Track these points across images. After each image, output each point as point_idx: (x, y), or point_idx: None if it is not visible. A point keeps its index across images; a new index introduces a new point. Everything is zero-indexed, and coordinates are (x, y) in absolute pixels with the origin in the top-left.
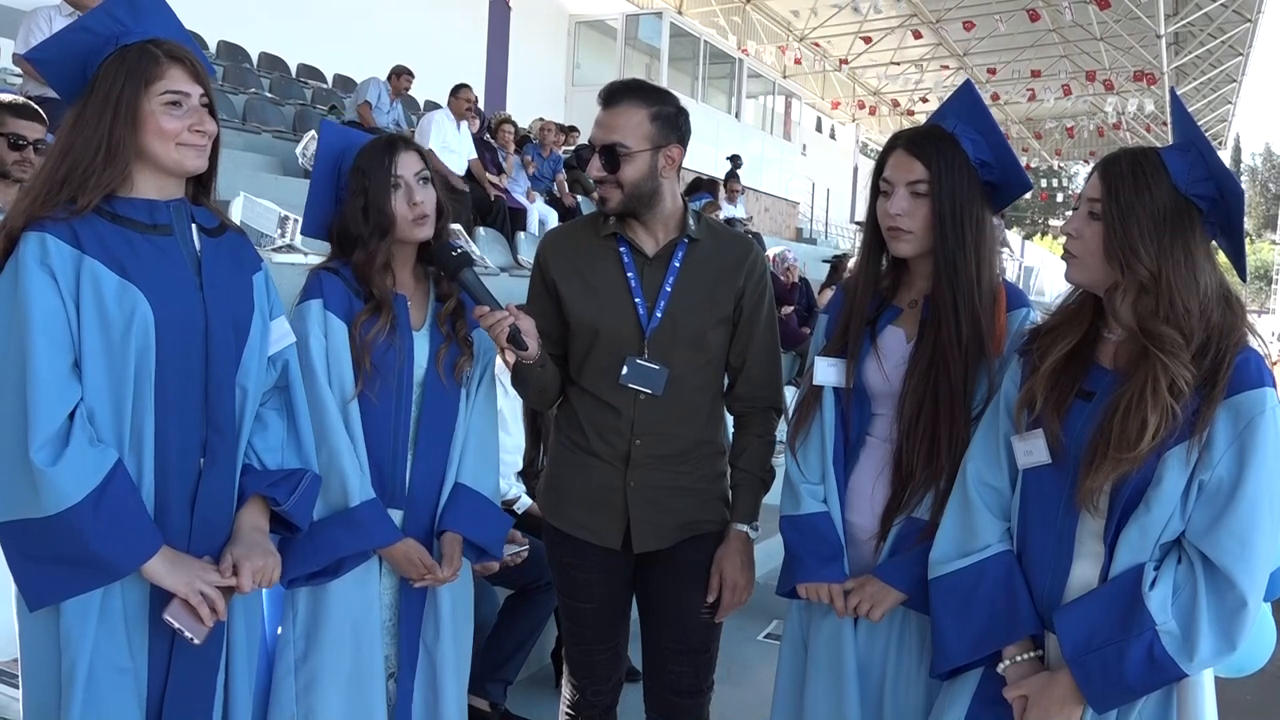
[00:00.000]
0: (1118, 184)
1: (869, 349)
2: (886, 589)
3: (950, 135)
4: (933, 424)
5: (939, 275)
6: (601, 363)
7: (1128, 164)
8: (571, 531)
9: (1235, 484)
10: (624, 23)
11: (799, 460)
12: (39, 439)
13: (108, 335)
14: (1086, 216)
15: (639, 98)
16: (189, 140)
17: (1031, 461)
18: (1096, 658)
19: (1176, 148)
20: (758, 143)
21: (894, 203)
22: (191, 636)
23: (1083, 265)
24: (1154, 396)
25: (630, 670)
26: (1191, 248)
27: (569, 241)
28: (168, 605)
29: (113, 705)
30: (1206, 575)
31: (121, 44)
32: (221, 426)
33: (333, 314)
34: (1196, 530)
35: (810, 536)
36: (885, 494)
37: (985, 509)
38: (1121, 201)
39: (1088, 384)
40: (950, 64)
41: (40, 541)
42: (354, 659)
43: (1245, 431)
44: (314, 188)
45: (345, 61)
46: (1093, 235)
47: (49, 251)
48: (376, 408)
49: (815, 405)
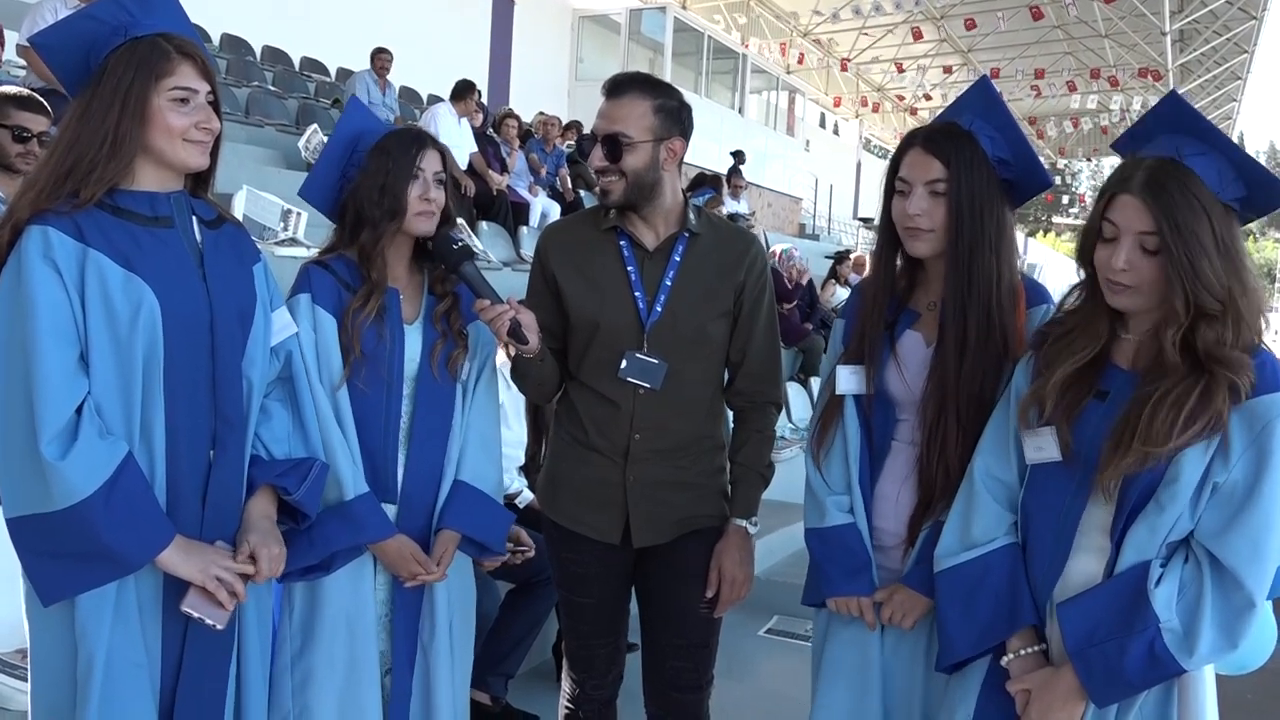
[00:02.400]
0: (1174, 213)
1: (889, 355)
2: (916, 597)
3: (968, 133)
4: (955, 428)
5: (955, 275)
6: (601, 357)
7: (1176, 189)
8: (571, 526)
9: (1251, 488)
10: (628, 17)
11: (822, 471)
12: (48, 433)
13: (114, 328)
14: (1139, 251)
15: (643, 89)
16: (194, 137)
17: (1042, 458)
18: (1098, 652)
19: (1197, 154)
20: (761, 138)
21: (913, 202)
22: (214, 623)
23: (1137, 295)
24: (1205, 401)
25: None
26: (1245, 258)
27: (569, 235)
28: (184, 596)
29: (129, 699)
30: (1214, 576)
31: (130, 36)
32: (230, 417)
33: (321, 308)
34: (1208, 531)
35: (837, 549)
36: (912, 500)
37: (992, 501)
38: (1184, 233)
39: (1103, 384)
40: (954, 61)
41: (52, 536)
42: (349, 655)
43: (1262, 435)
44: (324, 157)
45: (349, 55)
46: (1150, 268)
47: (52, 245)
48: (367, 400)
49: (837, 414)
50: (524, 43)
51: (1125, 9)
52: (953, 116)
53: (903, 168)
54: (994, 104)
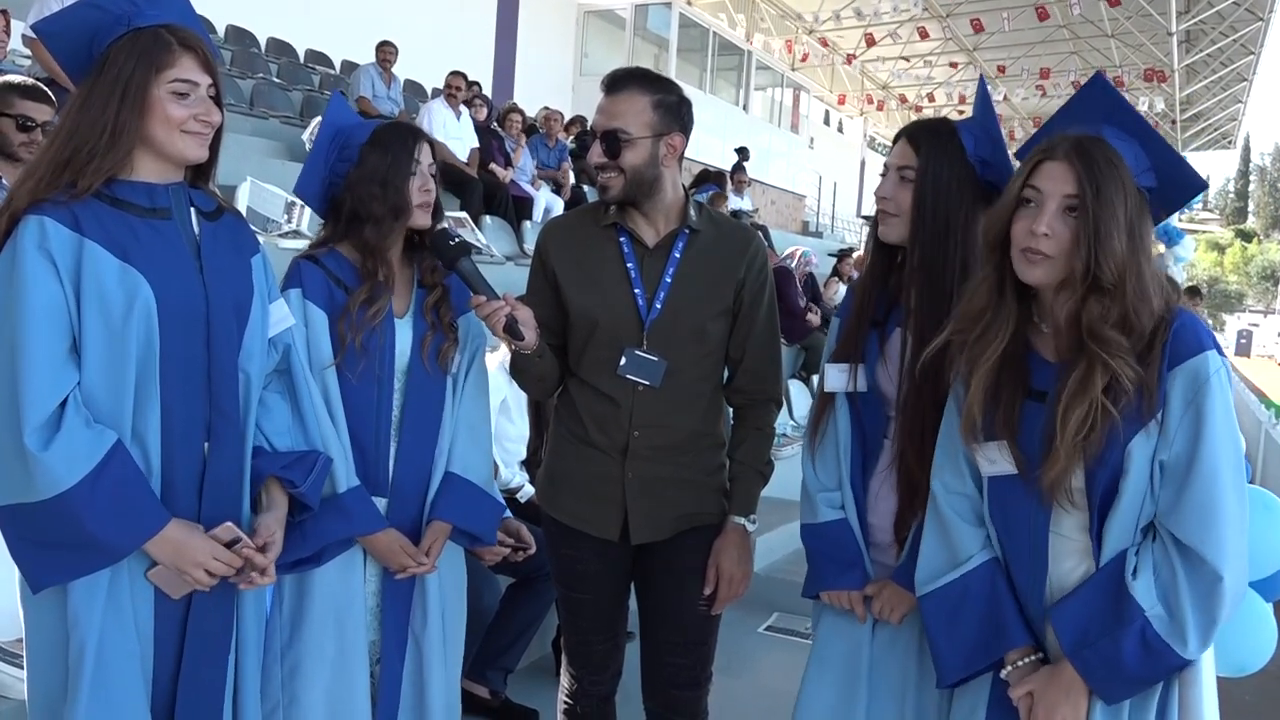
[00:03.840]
0: (1098, 178)
1: (877, 353)
2: (903, 593)
3: (952, 128)
4: (931, 427)
5: (916, 266)
6: (600, 354)
7: (1101, 156)
8: (570, 522)
9: (1191, 458)
10: (633, 13)
11: (816, 468)
12: (31, 424)
13: (109, 319)
14: (1062, 213)
15: (641, 85)
16: (193, 129)
17: (995, 471)
18: (1094, 651)
19: (1118, 138)
20: (765, 135)
21: (882, 185)
22: (170, 592)
23: (1052, 266)
24: (1084, 392)
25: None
26: (1148, 244)
27: (569, 231)
28: (152, 566)
29: (121, 685)
30: (1179, 554)
31: (133, 26)
32: (225, 410)
33: (311, 303)
34: (1163, 510)
35: (828, 544)
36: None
37: (958, 520)
38: (1103, 199)
39: (1036, 383)
40: (959, 59)
41: (37, 525)
42: (337, 645)
43: (1195, 399)
44: (313, 155)
45: (353, 48)
46: (1066, 232)
47: (48, 235)
48: (358, 394)
49: (829, 411)
50: (529, 37)
51: (1132, 9)
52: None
53: (889, 156)
54: (984, 106)
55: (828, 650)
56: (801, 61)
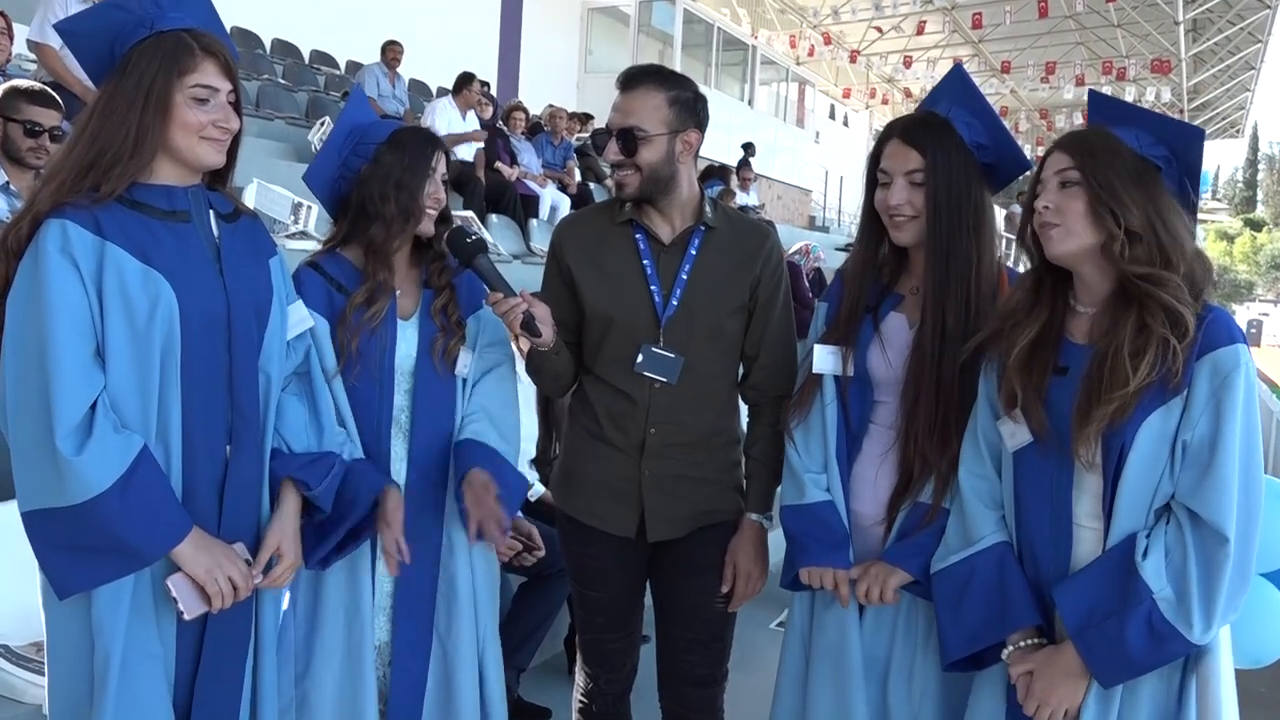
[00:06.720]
0: (1086, 150)
1: (872, 335)
2: (892, 569)
3: (945, 121)
4: (934, 409)
5: (935, 260)
6: (616, 351)
7: (1094, 134)
8: (585, 520)
9: (1214, 439)
10: (637, 9)
11: (799, 448)
12: (64, 428)
13: (132, 322)
14: (1058, 188)
15: (657, 82)
16: (211, 134)
17: (1019, 442)
18: (1098, 632)
19: (1117, 127)
20: (771, 130)
21: (893, 194)
22: (184, 612)
23: (1067, 233)
24: (1145, 334)
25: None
26: (1166, 199)
27: (585, 228)
28: (172, 573)
29: (146, 690)
30: (1194, 532)
31: (156, 28)
32: (246, 412)
33: (312, 310)
34: (1185, 489)
35: (815, 524)
36: (890, 481)
37: (977, 502)
38: (1099, 161)
39: (1062, 360)
40: (965, 52)
41: (67, 530)
42: (345, 645)
43: (1221, 388)
44: (327, 145)
45: (358, 48)
46: (1070, 201)
47: (70, 239)
48: (357, 394)
49: (815, 393)
50: (533, 35)
51: None
52: (930, 105)
53: (883, 159)
54: (969, 90)
55: (821, 640)
56: (808, 56)
